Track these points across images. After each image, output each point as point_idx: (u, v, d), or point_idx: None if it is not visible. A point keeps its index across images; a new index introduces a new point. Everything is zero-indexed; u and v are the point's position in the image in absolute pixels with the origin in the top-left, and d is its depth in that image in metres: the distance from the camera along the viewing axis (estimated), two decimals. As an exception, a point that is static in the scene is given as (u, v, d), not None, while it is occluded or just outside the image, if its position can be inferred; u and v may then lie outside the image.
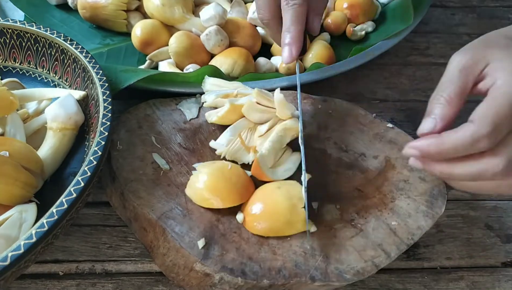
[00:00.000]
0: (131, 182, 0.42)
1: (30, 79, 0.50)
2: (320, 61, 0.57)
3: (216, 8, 0.54)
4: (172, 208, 0.40)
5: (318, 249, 0.39)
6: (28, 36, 0.49)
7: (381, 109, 0.58)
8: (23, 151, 0.40)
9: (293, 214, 0.39)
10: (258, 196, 0.41)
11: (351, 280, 0.38)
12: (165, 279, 0.42)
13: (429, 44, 0.68)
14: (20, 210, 0.37)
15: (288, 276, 0.37)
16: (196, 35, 0.56)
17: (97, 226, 0.45)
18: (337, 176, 0.45)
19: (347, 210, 0.42)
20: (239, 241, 0.39)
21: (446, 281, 0.44)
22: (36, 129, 0.45)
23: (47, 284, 0.42)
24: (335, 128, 0.49)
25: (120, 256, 0.43)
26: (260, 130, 0.44)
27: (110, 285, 0.42)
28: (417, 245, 0.46)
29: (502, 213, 0.50)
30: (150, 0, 0.56)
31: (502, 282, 0.45)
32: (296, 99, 0.51)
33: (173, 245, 0.38)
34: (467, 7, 0.75)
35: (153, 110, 0.48)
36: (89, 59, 0.46)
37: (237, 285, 0.37)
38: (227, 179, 0.41)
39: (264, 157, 0.42)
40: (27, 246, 0.32)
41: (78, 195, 0.34)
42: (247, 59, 0.55)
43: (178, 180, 0.43)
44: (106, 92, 0.43)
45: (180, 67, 0.56)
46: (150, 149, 0.45)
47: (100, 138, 0.39)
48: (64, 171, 0.44)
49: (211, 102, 0.47)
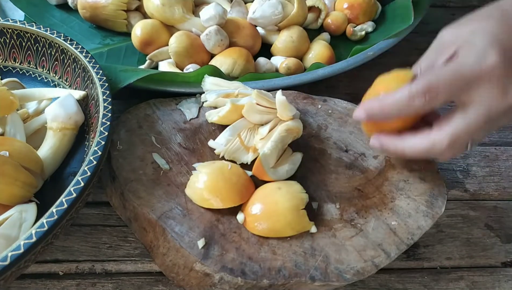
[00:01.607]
0: (131, 182, 0.42)
1: (30, 79, 0.50)
2: (320, 61, 0.57)
3: (216, 8, 0.54)
4: (172, 208, 0.40)
5: (318, 249, 0.39)
6: (28, 36, 0.49)
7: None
8: (23, 151, 0.40)
9: (293, 215, 0.39)
10: (258, 196, 0.41)
11: (351, 280, 0.38)
12: (165, 279, 0.42)
13: (429, 44, 0.67)
14: (20, 210, 0.37)
15: (288, 276, 0.37)
16: (196, 35, 0.56)
17: (97, 226, 0.45)
18: (337, 176, 0.45)
19: (347, 210, 0.42)
20: (239, 241, 0.39)
21: (446, 281, 0.44)
22: (36, 129, 0.45)
23: (47, 284, 0.42)
24: (335, 128, 0.49)
25: (120, 256, 0.43)
26: (262, 132, 0.44)
27: (110, 285, 0.42)
28: (417, 245, 0.46)
29: (502, 213, 0.50)
30: (150, 0, 0.56)
31: (502, 282, 0.45)
32: (296, 99, 0.51)
33: (173, 245, 0.38)
34: (467, 7, 0.75)
35: (153, 110, 0.48)
36: (89, 59, 0.46)
37: (237, 285, 0.37)
38: (227, 179, 0.41)
39: (267, 157, 0.42)
40: (27, 246, 0.32)
41: (78, 195, 0.34)
42: (247, 59, 0.55)
43: (178, 180, 0.43)
44: (106, 92, 0.43)
45: (180, 67, 0.56)
46: (150, 149, 0.45)
47: (100, 138, 0.39)
48: (64, 171, 0.44)
49: (211, 101, 0.47)
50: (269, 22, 0.58)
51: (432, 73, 0.37)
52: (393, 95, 0.38)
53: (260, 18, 0.57)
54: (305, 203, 0.41)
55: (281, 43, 0.58)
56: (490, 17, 0.38)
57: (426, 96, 0.36)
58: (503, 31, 0.36)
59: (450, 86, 0.36)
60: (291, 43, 0.58)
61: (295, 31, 0.58)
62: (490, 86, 0.35)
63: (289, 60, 0.57)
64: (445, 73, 0.36)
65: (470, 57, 0.36)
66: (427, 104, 0.37)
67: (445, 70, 0.37)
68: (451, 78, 0.36)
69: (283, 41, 0.58)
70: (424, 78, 0.37)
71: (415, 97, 0.37)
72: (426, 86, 0.36)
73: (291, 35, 0.58)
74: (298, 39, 0.58)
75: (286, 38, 0.58)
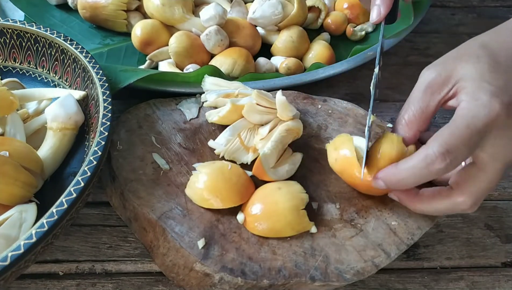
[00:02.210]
0: (131, 182, 0.42)
1: (30, 79, 0.50)
2: (320, 61, 0.57)
3: (216, 8, 0.54)
4: (172, 208, 0.40)
5: (318, 249, 0.39)
6: (28, 36, 0.49)
7: (381, 109, 0.58)
8: (23, 151, 0.40)
9: (293, 215, 0.39)
10: (258, 196, 0.41)
11: (351, 280, 0.38)
12: (165, 279, 0.42)
13: (429, 44, 0.68)
14: (20, 210, 0.37)
15: (288, 276, 0.37)
16: (196, 35, 0.56)
17: (97, 226, 0.45)
18: (337, 176, 0.45)
19: (347, 210, 0.42)
20: (239, 241, 0.39)
21: (446, 281, 0.44)
22: (36, 129, 0.45)
23: (47, 284, 0.42)
24: (335, 128, 0.49)
25: (120, 256, 0.43)
26: (262, 133, 0.44)
27: (110, 285, 0.42)
28: (417, 245, 0.46)
29: (502, 213, 0.50)
30: (150, 0, 0.56)
31: (502, 282, 0.45)
32: (296, 99, 0.51)
33: (173, 245, 0.38)
34: (467, 7, 0.75)
35: (153, 110, 0.48)
36: (89, 59, 0.46)
37: (237, 285, 0.37)
38: (227, 179, 0.41)
39: (267, 157, 0.42)
40: (27, 246, 0.32)
41: (78, 195, 0.34)
42: (247, 59, 0.55)
43: (178, 180, 0.43)
44: (106, 92, 0.43)
45: (180, 67, 0.56)
46: (150, 149, 0.45)
47: (100, 138, 0.39)
48: (64, 171, 0.44)
49: (211, 101, 0.47)
50: (269, 22, 0.58)
51: (442, 133, 0.35)
52: (409, 163, 0.36)
53: (260, 18, 0.57)
54: (305, 203, 0.41)
55: (281, 43, 0.58)
56: (480, 60, 0.36)
57: (446, 158, 0.34)
58: (496, 77, 0.35)
59: (469, 142, 0.34)
60: (291, 43, 0.58)
61: (295, 31, 0.58)
62: (500, 135, 0.35)
63: (289, 60, 0.57)
64: (460, 130, 0.34)
65: (478, 110, 0.34)
66: (450, 166, 0.34)
67: (458, 128, 0.34)
68: (468, 134, 0.34)
69: (283, 41, 0.58)
70: (438, 139, 0.34)
71: (435, 162, 0.34)
72: (444, 148, 0.34)
73: (291, 35, 0.58)
74: (298, 39, 0.58)
75: (286, 38, 0.58)
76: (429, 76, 0.37)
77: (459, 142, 0.34)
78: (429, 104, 0.37)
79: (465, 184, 0.37)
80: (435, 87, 0.37)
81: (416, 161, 0.35)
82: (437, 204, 0.39)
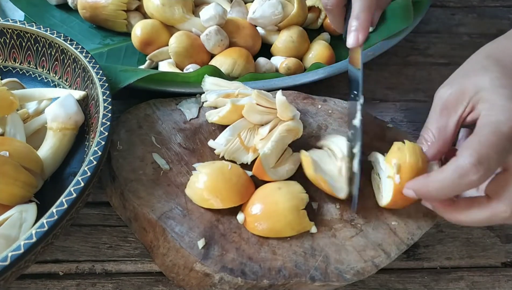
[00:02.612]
0: (131, 182, 0.42)
1: (30, 79, 0.50)
2: (320, 61, 0.57)
3: (216, 8, 0.54)
4: (172, 208, 0.40)
5: (318, 249, 0.39)
6: (28, 36, 0.49)
7: (381, 109, 0.58)
8: (23, 151, 0.40)
9: (294, 215, 0.39)
10: (258, 196, 0.41)
11: (351, 280, 0.38)
12: (165, 279, 0.42)
13: (429, 44, 0.68)
14: (20, 210, 0.37)
15: (288, 276, 0.37)
16: (196, 35, 0.56)
17: (97, 226, 0.45)
18: (337, 176, 0.45)
19: (347, 210, 0.42)
20: (239, 241, 0.39)
21: (446, 281, 0.44)
22: (36, 129, 0.45)
23: (47, 284, 0.42)
24: (335, 128, 0.49)
25: (120, 256, 0.43)
26: (262, 133, 0.44)
27: (110, 285, 0.42)
28: (417, 245, 0.46)
29: (502, 213, 0.50)
30: (150, 0, 0.56)
31: (502, 282, 0.45)
32: (296, 99, 0.51)
33: (173, 245, 0.38)
34: (467, 7, 0.75)
35: (153, 110, 0.48)
36: (89, 59, 0.46)
37: (237, 285, 0.37)
38: (227, 179, 0.41)
39: (267, 157, 0.42)
40: (27, 246, 0.32)
41: (78, 195, 0.34)
42: (247, 59, 0.55)
43: (178, 180, 0.43)
44: (106, 92, 0.43)
45: (180, 67, 0.56)
46: (150, 149, 0.45)
47: (100, 138, 0.39)
48: (64, 171, 0.44)
49: (211, 101, 0.47)
50: (269, 22, 0.58)
51: (472, 143, 0.34)
52: (439, 175, 0.35)
53: (260, 18, 0.57)
54: (305, 203, 0.41)
55: (281, 43, 0.58)
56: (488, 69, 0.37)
57: (479, 169, 0.33)
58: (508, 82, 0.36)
59: (499, 148, 0.34)
60: (291, 43, 0.58)
61: (295, 31, 0.58)
62: None
63: (289, 60, 0.57)
64: (487, 138, 0.34)
65: (499, 115, 0.34)
66: (483, 177, 0.34)
67: (485, 136, 0.34)
68: (496, 140, 0.34)
69: (283, 41, 0.58)
70: (468, 149, 0.34)
71: (469, 173, 0.33)
72: (475, 157, 0.33)
73: (291, 35, 0.58)
74: (298, 39, 0.58)
75: (286, 38, 0.58)
76: (443, 96, 0.38)
77: (490, 150, 0.34)
78: (448, 124, 0.38)
79: (504, 192, 0.35)
80: (450, 106, 0.38)
81: (446, 173, 0.35)
82: (475, 214, 0.37)
